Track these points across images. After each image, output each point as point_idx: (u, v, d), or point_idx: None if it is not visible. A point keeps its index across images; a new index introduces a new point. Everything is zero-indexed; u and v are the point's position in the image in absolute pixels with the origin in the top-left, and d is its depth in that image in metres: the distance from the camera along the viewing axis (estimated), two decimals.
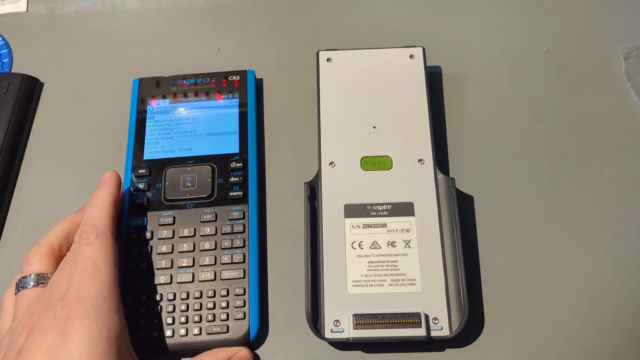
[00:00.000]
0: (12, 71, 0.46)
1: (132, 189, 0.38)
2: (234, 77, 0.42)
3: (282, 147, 0.42)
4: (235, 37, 0.47)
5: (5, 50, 0.47)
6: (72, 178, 0.41)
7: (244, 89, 0.42)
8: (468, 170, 0.40)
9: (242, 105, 0.41)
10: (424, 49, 0.40)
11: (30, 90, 0.44)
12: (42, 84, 0.45)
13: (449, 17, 0.46)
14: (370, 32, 0.46)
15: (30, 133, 0.44)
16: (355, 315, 0.33)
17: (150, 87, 0.42)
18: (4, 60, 0.46)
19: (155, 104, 0.41)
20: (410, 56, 0.40)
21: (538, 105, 0.42)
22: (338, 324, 0.33)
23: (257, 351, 0.35)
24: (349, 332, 0.33)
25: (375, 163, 0.37)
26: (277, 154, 0.41)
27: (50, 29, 0.48)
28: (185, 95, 0.42)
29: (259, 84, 0.44)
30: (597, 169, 0.40)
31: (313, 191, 0.37)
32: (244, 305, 0.35)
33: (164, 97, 0.42)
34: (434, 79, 0.43)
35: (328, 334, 0.33)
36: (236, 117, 0.41)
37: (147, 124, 0.41)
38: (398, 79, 0.40)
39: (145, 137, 0.40)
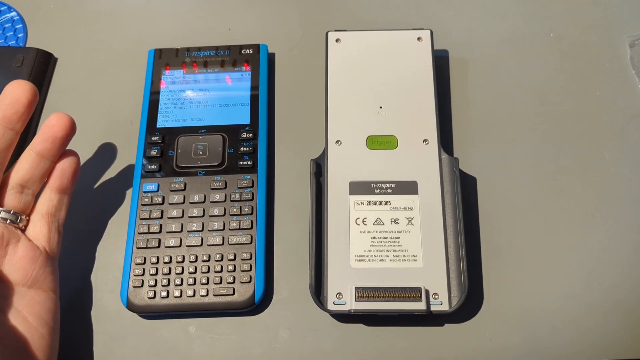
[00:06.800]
0: (27, 45, 0.47)
1: (145, 155, 0.39)
2: (247, 51, 0.43)
3: (290, 123, 0.42)
4: (246, 16, 0.47)
5: (20, 25, 0.48)
6: (84, 152, 0.42)
7: (257, 62, 0.42)
8: (472, 152, 0.41)
9: (254, 78, 0.42)
10: (431, 32, 0.41)
11: (44, 65, 0.45)
12: (56, 59, 0.46)
13: (458, 2, 0.47)
14: (379, 14, 0.46)
15: (44, 107, 0.44)
16: (357, 288, 0.34)
17: (165, 58, 0.43)
18: (19, 35, 0.47)
19: (169, 74, 0.42)
20: (418, 39, 0.41)
21: (543, 90, 0.43)
22: (340, 296, 0.34)
23: (260, 318, 0.36)
24: (351, 304, 0.33)
25: (380, 142, 0.38)
26: (285, 131, 0.42)
27: (64, 4, 0.49)
28: (199, 67, 0.42)
29: (271, 58, 0.45)
30: (600, 153, 0.40)
31: (319, 168, 0.37)
32: (250, 269, 0.36)
33: (179, 67, 0.43)
34: (440, 62, 0.44)
35: (330, 306, 0.34)
36: (248, 89, 0.42)
37: (161, 93, 0.42)
38: (405, 60, 0.40)
39: (159, 106, 0.41)
